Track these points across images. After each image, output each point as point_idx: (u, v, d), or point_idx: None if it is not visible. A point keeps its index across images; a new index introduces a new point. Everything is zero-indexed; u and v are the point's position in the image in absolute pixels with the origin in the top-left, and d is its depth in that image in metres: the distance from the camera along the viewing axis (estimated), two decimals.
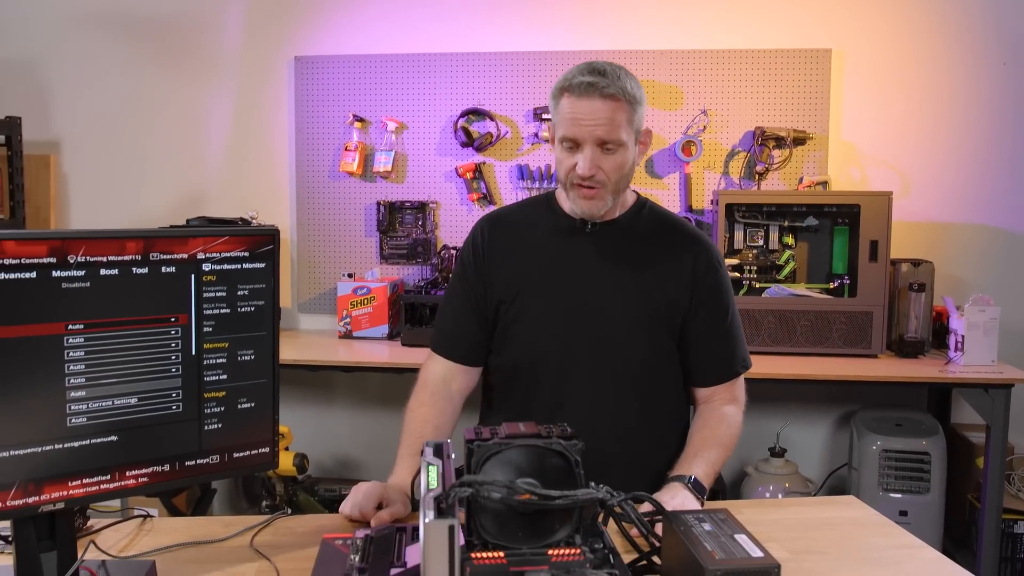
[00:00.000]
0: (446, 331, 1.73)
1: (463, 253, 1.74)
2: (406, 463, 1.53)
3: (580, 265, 1.65)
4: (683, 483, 1.46)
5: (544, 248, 1.68)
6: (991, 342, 2.72)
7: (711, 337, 1.67)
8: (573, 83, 1.53)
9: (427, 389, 1.67)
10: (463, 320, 1.70)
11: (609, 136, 1.52)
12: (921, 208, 3.17)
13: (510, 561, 0.94)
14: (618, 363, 1.63)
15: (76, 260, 1.06)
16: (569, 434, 1.04)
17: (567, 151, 1.56)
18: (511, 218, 1.75)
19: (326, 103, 3.35)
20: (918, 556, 1.31)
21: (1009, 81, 3.11)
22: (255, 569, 1.24)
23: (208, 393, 1.20)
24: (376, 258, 3.38)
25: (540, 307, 1.64)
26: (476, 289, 1.69)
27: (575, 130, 1.53)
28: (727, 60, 3.17)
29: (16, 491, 1.05)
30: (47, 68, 3.44)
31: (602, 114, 1.51)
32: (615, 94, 1.51)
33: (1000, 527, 2.67)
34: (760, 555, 0.94)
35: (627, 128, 1.55)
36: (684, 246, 1.67)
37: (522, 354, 1.66)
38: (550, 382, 1.63)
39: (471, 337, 1.69)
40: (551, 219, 1.70)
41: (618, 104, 1.52)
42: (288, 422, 3.11)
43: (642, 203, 1.73)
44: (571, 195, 1.60)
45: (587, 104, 1.51)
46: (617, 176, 1.57)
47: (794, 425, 3.22)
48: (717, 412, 1.66)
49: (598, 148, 1.54)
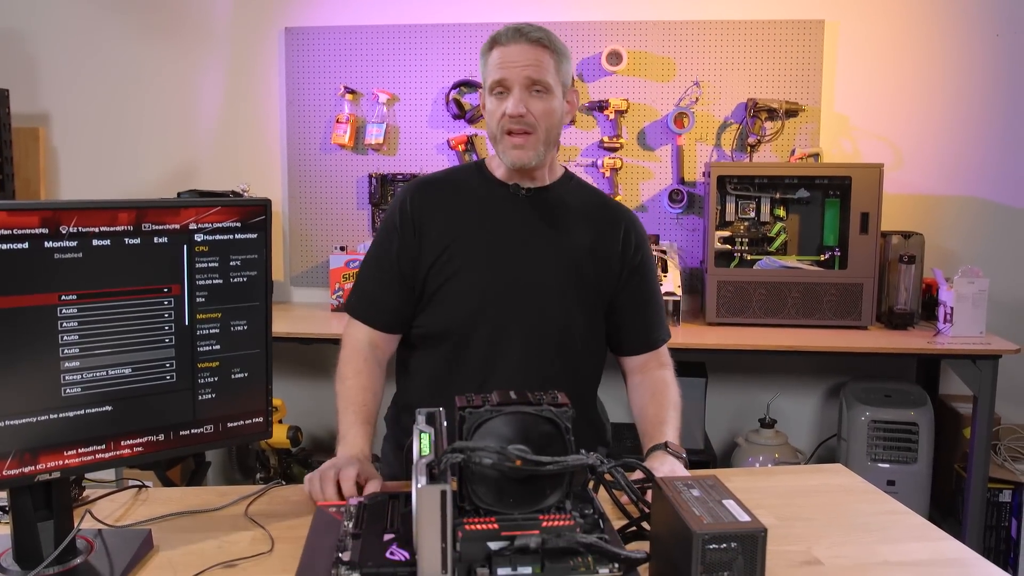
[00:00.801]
0: (368, 297, 1.69)
1: (388, 218, 1.71)
2: (359, 431, 1.51)
3: (511, 230, 1.66)
4: (664, 450, 1.49)
5: (475, 212, 1.68)
6: (980, 314, 2.74)
7: (642, 307, 1.72)
8: (501, 33, 1.59)
9: (359, 355, 1.64)
10: (387, 288, 1.67)
11: (537, 75, 1.56)
12: (912, 180, 3.17)
13: (502, 526, 0.96)
14: (549, 329, 1.64)
15: (68, 231, 1.07)
16: (560, 402, 1.06)
17: (497, 98, 1.59)
18: (441, 183, 1.74)
19: (317, 75, 3.33)
20: (903, 522, 1.33)
21: (1002, 53, 3.11)
22: (250, 537, 1.25)
23: (201, 363, 1.20)
24: (368, 231, 3.37)
25: (471, 272, 1.64)
26: (403, 254, 1.66)
27: (504, 72, 1.57)
28: (720, 31, 3.16)
29: (12, 461, 1.06)
30: (35, 39, 3.40)
31: (529, 56, 1.56)
32: (541, 38, 1.57)
33: (986, 496, 2.71)
34: (747, 519, 0.96)
35: (554, 75, 1.58)
36: (614, 220, 1.71)
37: (452, 318, 1.64)
38: (480, 347, 1.63)
39: (394, 305, 1.67)
40: (482, 184, 1.70)
41: (544, 50, 1.57)
42: (282, 395, 3.12)
43: (569, 175, 1.75)
44: (502, 147, 1.61)
45: (515, 48, 1.56)
46: (547, 123, 1.59)
47: (784, 396, 3.25)
48: (657, 378, 1.70)
49: (527, 91, 1.56)
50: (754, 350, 2.75)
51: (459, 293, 1.63)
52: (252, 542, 1.24)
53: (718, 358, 3.11)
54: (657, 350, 1.74)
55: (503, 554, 0.93)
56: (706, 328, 2.90)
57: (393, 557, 1.04)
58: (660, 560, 1.03)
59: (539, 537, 0.94)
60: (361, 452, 1.47)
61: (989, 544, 2.87)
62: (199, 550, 1.21)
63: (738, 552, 0.93)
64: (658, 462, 1.45)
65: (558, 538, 0.94)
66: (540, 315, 1.63)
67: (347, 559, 1.03)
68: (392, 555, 1.05)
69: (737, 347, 2.73)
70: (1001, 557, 2.88)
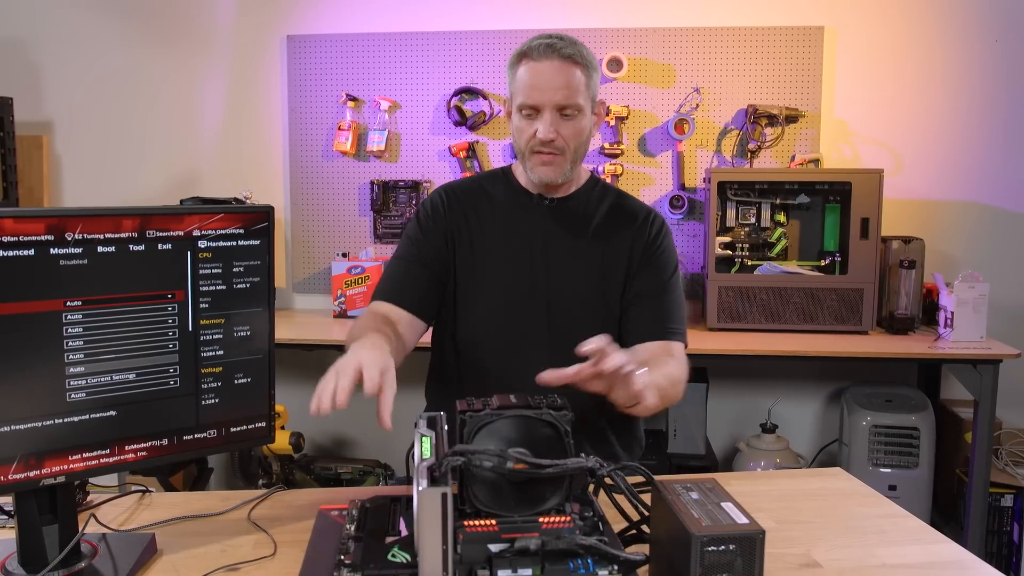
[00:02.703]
0: (392, 281, 1.65)
1: (421, 220, 1.69)
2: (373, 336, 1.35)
3: (536, 240, 1.66)
4: None
5: (502, 221, 1.68)
6: (980, 318, 2.74)
7: (653, 297, 1.67)
8: (532, 46, 1.56)
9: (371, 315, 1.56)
10: (412, 272, 1.64)
11: (568, 100, 1.54)
12: (912, 185, 3.18)
13: (502, 528, 0.97)
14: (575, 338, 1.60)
15: (73, 237, 1.08)
16: (559, 405, 1.07)
17: (526, 119, 1.58)
18: (471, 191, 1.74)
19: (319, 82, 3.34)
20: (902, 525, 1.34)
21: (1001, 58, 3.12)
22: (253, 541, 1.26)
23: (205, 368, 1.22)
24: (370, 237, 3.39)
25: (498, 282, 1.64)
26: (431, 248, 1.65)
27: (535, 95, 1.55)
28: (720, 38, 3.17)
29: (17, 465, 1.07)
30: (38, 48, 3.42)
31: (561, 77, 1.54)
32: (573, 55, 1.55)
33: (987, 501, 2.71)
34: (746, 522, 0.97)
35: (584, 93, 1.57)
36: (635, 220, 1.69)
37: (479, 327, 1.64)
38: (506, 357, 1.63)
39: (421, 287, 1.63)
40: (509, 192, 1.71)
41: (576, 67, 1.55)
42: (284, 401, 3.13)
43: (595, 180, 1.75)
44: (529, 164, 1.61)
45: (547, 65, 1.54)
46: (576, 143, 1.59)
47: (785, 401, 3.26)
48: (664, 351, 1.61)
49: (557, 113, 1.56)
50: (755, 355, 2.76)
51: (486, 302, 1.64)
52: (255, 546, 1.24)
53: (719, 363, 3.11)
54: (667, 342, 1.64)
55: (503, 556, 0.94)
56: (707, 333, 2.91)
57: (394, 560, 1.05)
58: (659, 562, 1.04)
59: (539, 539, 0.94)
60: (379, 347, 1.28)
61: (991, 549, 2.86)
62: (202, 554, 1.22)
63: (736, 554, 0.94)
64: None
65: (558, 540, 0.95)
66: (565, 325, 1.63)
67: (349, 561, 1.04)
68: (394, 558, 1.06)
69: (738, 352, 2.73)
70: (1003, 562, 2.88)
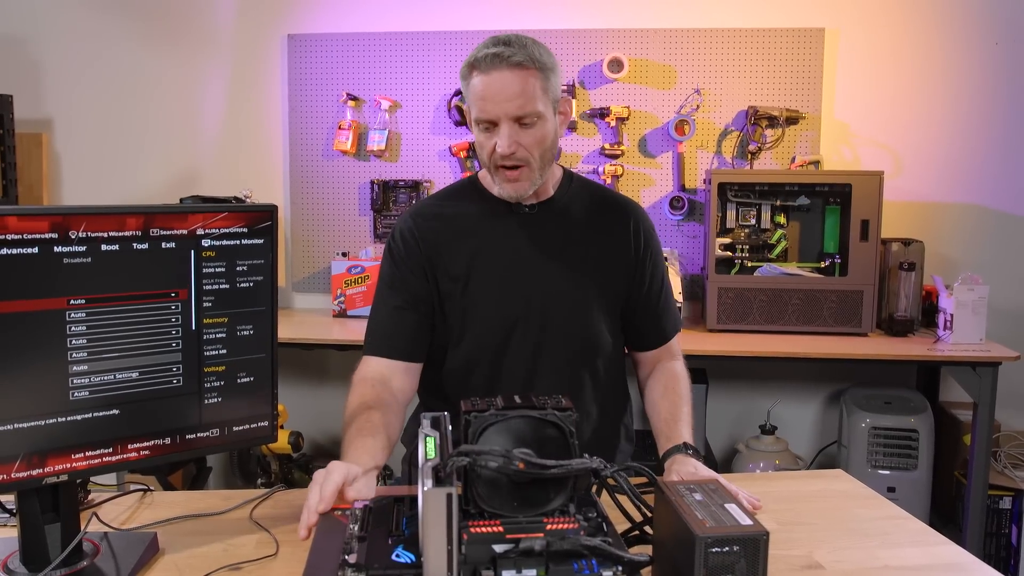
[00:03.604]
0: (380, 332, 1.59)
1: (390, 257, 1.62)
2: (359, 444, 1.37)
3: (521, 249, 1.60)
4: (684, 452, 1.48)
5: (480, 238, 1.60)
6: (979, 321, 2.75)
7: (654, 302, 1.69)
8: (479, 57, 1.46)
9: (365, 383, 1.51)
10: (398, 318, 1.58)
11: (523, 110, 1.45)
12: (912, 188, 3.19)
13: (506, 529, 0.97)
14: (575, 344, 1.61)
15: (77, 236, 1.08)
16: (564, 406, 1.06)
17: (484, 132, 1.50)
18: (439, 211, 1.65)
19: (319, 81, 3.34)
20: (903, 527, 1.34)
21: (1002, 61, 3.13)
22: (255, 540, 1.26)
23: (208, 367, 1.21)
24: (370, 237, 3.39)
25: (489, 299, 1.58)
26: (412, 287, 1.59)
27: (488, 108, 1.46)
28: (721, 39, 3.18)
29: (20, 463, 1.07)
30: (38, 45, 3.42)
31: (513, 86, 1.44)
32: (523, 62, 1.44)
33: (986, 503, 2.72)
34: (749, 523, 0.97)
35: (543, 98, 1.47)
36: (621, 217, 1.66)
37: (478, 349, 1.60)
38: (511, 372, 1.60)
39: (408, 332, 1.58)
40: (481, 206, 1.63)
41: (528, 72, 1.45)
42: (283, 400, 3.12)
43: (569, 176, 1.69)
44: (496, 179, 1.55)
45: (496, 77, 1.44)
46: (539, 151, 1.51)
47: (784, 403, 3.26)
48: (669, 371, 1.69)
49: (515, 124, 1.47)
50: (755, 357, 2.76)
51: (482, 322, 1.59)
52: (257, 545, 1.24)
53: (719, 365, 3.11)
54: (668, 344, 1.73)
55: (508, 556, 0.94)
56: (707, 335, 2.91)
57: (399, 560, 1.05)
58: (663, 563, 1.04)
59: (543, 540, 0.94)
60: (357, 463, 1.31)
61: (989, 551, 2.87)
62: (204, 553, 1.21)
63: (740, 555, 0.94)
64: (679, 464, 1.44)
65: (562, 541, 0.95)
66: (565, 331, 1.60)
67: (353, 561, 1.04)
68: (398, 557, 1.06)
69: (738, 354, 2.74)
70: (1002, 564, 2.88)
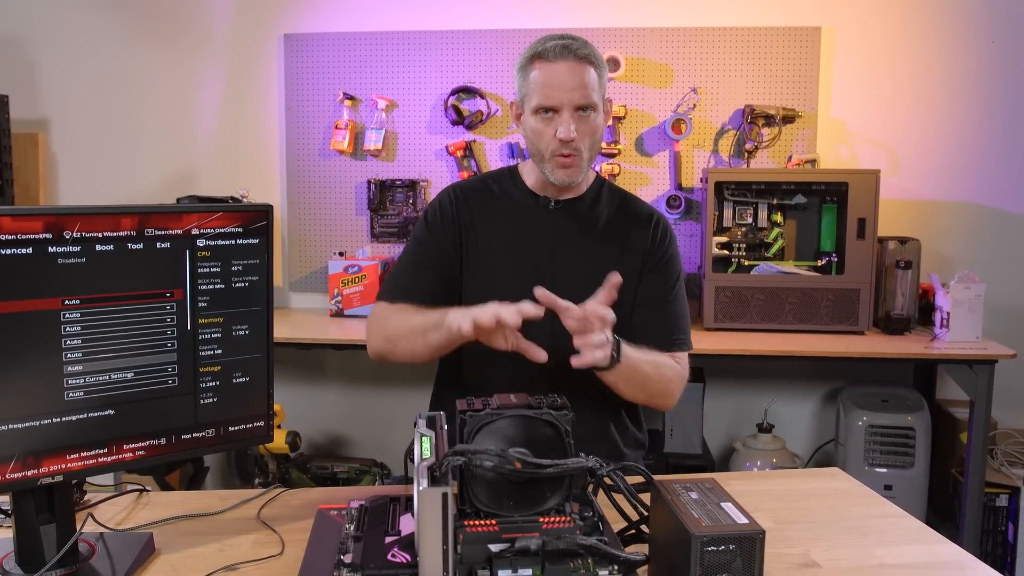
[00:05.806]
0: (398, 283, 1.67)
1: (424, 222, 1.70)
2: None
3: (543, 242, 1.66)
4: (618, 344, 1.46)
5: (509, 222, 1.68)
6: (976, 319, 2.75)
7: (659, 305, 1.68)
8: (547, 47, 1.55)
9: (390, 309, 1.60)
10: (419, 274, 1.65)
11: (585, 100, 1.55)
12: (909, 186, 3.19)
13: (502, 528, 0.97)
14: None
15: (72, 236, 1.07)
16: (559, 404, 1.06)
17: (543, 120, 1.57)
18: (478, 189, 1.73)
19: (316, 81, 3.34)
20: (900, 525, 1.34)
21: (998, 59, 3.13)
22: (252, 540, 1.26)
23: (203, 367, 1.21)
24: (367, 236, 3.38)
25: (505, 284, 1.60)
26: (442, 247, 1.66)
27: (553, 95, 1.54)
28: (717, 38, 3.18)
29: (15, 464, 1.07)
30: (34, 45, 3.41)
31: (577, 77, 1.54)
32: (588, 56, 1.55)
33: (982, 501, 2.72)
34: (745, 522, 0.97)
35: (599, 91, 1.58)
36: (641, 222, 1.69)
37: None
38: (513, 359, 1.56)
39: (427, 288, 1.63)
40: (516, 193, 1.71)
41: (591, 66, 1.55)
42: (280, 400, 3.13)
43: (600, 181, 1.75)
44: (549, 166, 1.60)
45: (563, 66, 1.53)
46: (591, 141, 1.59)
47: (781, 401, 3.26)
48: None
49: (575, 113, 1.55)
50: (752, 355, 2.76)
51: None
52: (254, 545, 1.24)
53: (716, 363, 3.11)
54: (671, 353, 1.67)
55: (504, 556, 0.94)
56: (704, 333, 2.91)
57: (395, 559, 1.05)
58: (659, 562, 1.04)
59: (539, 539, 0.94)
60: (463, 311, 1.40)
61: (986, 549, 2.87)
62: (201, 554, 1.21)
63: (736, 554, 0.94)
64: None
65: (558, 540, 0.95)
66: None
67: (349, 561, 1.04)
68: (394, 557, 1.06)
69: (735, 352, 2.74)
70: (998, 562, 2.88)
